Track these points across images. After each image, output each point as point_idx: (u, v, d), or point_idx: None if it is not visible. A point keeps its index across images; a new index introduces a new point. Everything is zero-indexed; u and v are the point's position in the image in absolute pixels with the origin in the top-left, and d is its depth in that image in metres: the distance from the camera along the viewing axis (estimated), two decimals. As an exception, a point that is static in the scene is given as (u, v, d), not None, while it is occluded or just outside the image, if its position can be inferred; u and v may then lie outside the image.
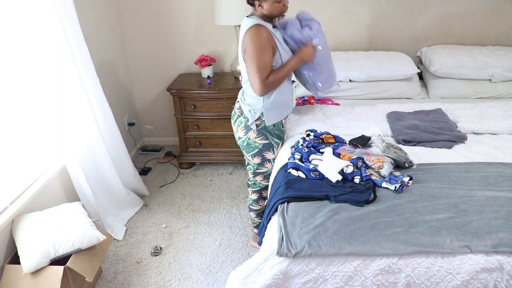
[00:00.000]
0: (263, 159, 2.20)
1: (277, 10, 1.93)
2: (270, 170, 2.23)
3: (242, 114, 2.14)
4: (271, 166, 2.22)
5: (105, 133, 2.64)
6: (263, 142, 2.14)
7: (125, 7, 3.30)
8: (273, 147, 2.17)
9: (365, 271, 1.43)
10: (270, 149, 2.16)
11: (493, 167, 1.86)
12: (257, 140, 2.14)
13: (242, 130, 2.16)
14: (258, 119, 2.09)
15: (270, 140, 2.14)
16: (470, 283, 1.40)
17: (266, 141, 2.14)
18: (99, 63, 2.84)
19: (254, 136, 2.13)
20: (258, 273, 1.51)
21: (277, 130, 2.15)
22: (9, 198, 2.08)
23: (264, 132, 2.12)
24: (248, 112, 2.10)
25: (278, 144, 2.18)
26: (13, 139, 2.15)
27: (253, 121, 2.09)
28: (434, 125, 2.26)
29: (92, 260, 2.02)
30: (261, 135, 2.12)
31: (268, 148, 2.16)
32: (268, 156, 2.19)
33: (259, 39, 1.89)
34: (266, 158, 2.20)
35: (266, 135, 2.13)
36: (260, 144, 2.14)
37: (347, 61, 2.91)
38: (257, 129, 2.11)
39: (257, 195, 2.35)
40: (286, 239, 1.48)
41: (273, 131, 2.14)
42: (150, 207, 2.94)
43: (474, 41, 3.16)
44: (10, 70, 2.11)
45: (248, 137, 2.15)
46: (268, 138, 2.14)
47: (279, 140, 2.18)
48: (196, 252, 2.48)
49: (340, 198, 1.64)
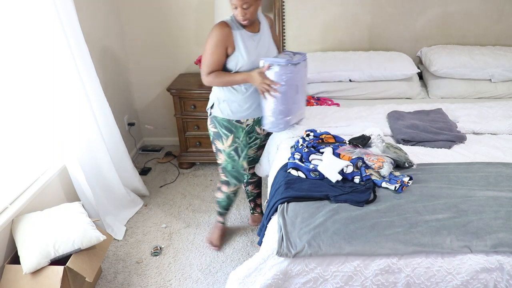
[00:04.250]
0: (216, 148, 2.25)
1: (237, 16, 1.95)
2: (224, 163, 2.27)
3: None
4: (223, 158, 2.24)
5: (105, 133, 2.64)
6: (213, 130, 2.20)
7: (125, 7, 3.30)
8: (221, 137, 2.18)
9: (365, 271, 1.43)
10: (219, 138, 2.19)
11: (493, 167, 1.86)
12: (210, 128, 2.22)
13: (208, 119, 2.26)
14: (213, 106, 2.16)
15: (218, 129, 2.17)
16: (470, 283, 1.40)
17: (215, 129, 2.19)
18: (99, 63, 2.84)
19: (209, 123, 2.22)
20: (258, 273, 1.51)
21: (226, 122, 2.15)
22: (9, 198, 2.08)
23: (214, 121, 2.18)
24: (211, 97, 2.20)
25: (227, 136, 2.17)
26: (13, 139, 2.15)
27: (209, 108, 2.19)
28: (433, 125, 2.26)
29: (92, 260, 2.02)
30: (212, 122, 2.19)
31: (217, 137, 2.20)
32: (218, 146, 2.22)
33: (215, 36, 1.95)
34: (217, 148, 2.24)
35: (215, 124, 2.18)
36: (212, 132, 2.22)
37: (347, 61, 2.91)
38: (210, 116, 2.19)
39: (219, 185, 2.41)
40: (286, 239, 1.48)
41: (221, 122, 2.15)
42: (150, 207, 2.94)
43: (474, 41, 3.16)
44: (10, 70, 2.11)
45: (208, 123, 2.24)
46: (216, 127, 2.18)
47: (228, 132, 2.16)
48: (196, 252, 2.48)
49: (340, 198, 1.64)
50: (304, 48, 3.26)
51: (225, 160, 2.25)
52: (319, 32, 3.24)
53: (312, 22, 3.19)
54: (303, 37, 3.24)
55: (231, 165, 2.26)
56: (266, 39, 2.07)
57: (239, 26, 1.98)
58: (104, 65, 3.02)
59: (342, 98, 2.86)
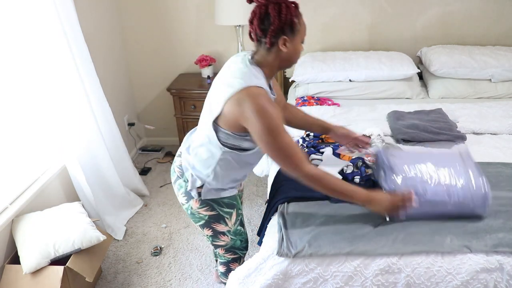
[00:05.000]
0: (215, 232, 1.68)
1: (298, 57, 1.45)
2: (230, 243, 1.73)
3: (183, 176, 1.61)
4: (229, 239, 1.71)
5: (105, 133, 2.64)
6: (209, 213, 1.62)
7: (125, 7, 3.30)
8: (223, 218, 1.64)
9: (365, 271, 1.43)
10: (220, 220, 1.64)
11: (493, 167, 1.86)
12: (202, 211, 1.62)
13: (183, 196, 1.63)
14: (201, 186, 1.57)
15: (218, 210, 1.62)
16: (470, 283, 1.40)
17: (213, 212, 1.62)
18: (99, 63, 2.84)
19: (197, 206, 1.61)
20: (258, 273, 1.51)
21: (227, 199, 1.62)
22: (9, 198, 2.08)
23: (209, 202, 1.60)
24: (190, 175, 1.57)
25: (230, 214, 1.65)
26: (13, 139, 2.15)
27: (194, 188, 1.57)
28: (433, 124, 2.26)
29: (92, 260, 2.02)
30: (205, 205, 1.60)
31: (217, 220, 1.64)
32: (220, 229, 1.67)
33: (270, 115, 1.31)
34: (218, 231, 1.68)
35: (212, 205, 1.60)
36: (206, 216, 1.62)
37: (347, 61, 2.91)
38: (199, 198, 1.58)
39: (224, 267, 1.86)
40: (286, 239, 1.48)
41: (220, 201, 1.61)
42: (150, 207, 2.94)
43: (474, 41, 3.16)
44: (10, 70, 2.11)
45: (190, 206, 1.62)
46: (215, 208, 1.61)
47: (230, 209, 1.64)
48: (196, 252, 2.48)
49: (340, 198, 1.64)
50: (304, 48, 3.25)
51: (231, 239, 1.72)
52: (319, 32, 3.24)
53: (312, 22, 3.19)
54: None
55: (240, 240, 1.76)
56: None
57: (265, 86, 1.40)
58: (104, 65, 3.02)
59: (342, 98, 2.86)
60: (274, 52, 1.39)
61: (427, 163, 1.58)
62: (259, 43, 1.40)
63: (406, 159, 1.61)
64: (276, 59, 1.41)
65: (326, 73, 2.86)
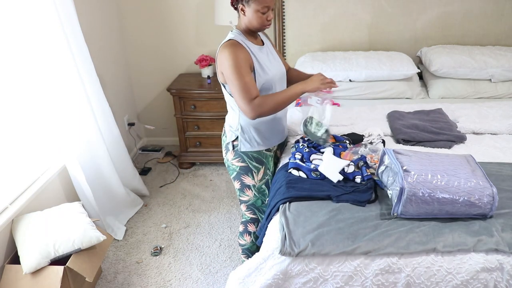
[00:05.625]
0: (242, 184, 1.95)
1: (258, 22, 1.71)
2: (252, 200, 1.98)
3: (225, 133, 1.95)
4: (252, 194, 1.96)
5: (105, 133, 2.64)
6: (240, 164, 1.90)
7: (125, 7, 3.30)
8: (251, 171, 1.91)
9: (365, 271, 1.43)
10: (248, 173, 1.91)
11: (493, 167, 1.86)
12: (234, 162, 1.91)
13: (224, 150, 1.96)
14: (236, 139, 1.88)
15: (248, 163, 1.89)
16: (470, 283, 1.40)
17: (244, 163, 1.90)
18: (99, 63, 2.84)
19: (231, 158, 1.91)
20: (258, 273, 1.51)
21: (256, 153, 1.89)
22: (9, 198, 2.08)
23: (241, 154, 1.89)
24: (229, 130, 1.91)
25: (258, 169, 1.91)
26: (13, 139, 2.15)
27: (230, 141, 1.89)
28: (433, 125, 2.26)
29: (92, 260, 2.02)
30: (238, 156, 1.89)
31: (245, 171, 1.91)
32: (247, 181, 1.93)
33: (235, 59, 1.65)
34: (245, 184, 1.94)
35: (243, 157, 1.89)
36: (237, 167, 1.91)
37: (347, 61, 2.91)
38: (234, 150, 1.89)
39: (243, 227, 2.10)
40: (289, 238, 1.48)
41: (251, 154, 1.88)
42: (150, 207, 2.94)
43: (474, 41, 3.16)
44: (10, 70, 2.11)
45: (227, 158, 1.94)
46: (245, 160, 1.89)
47: (259, 165, 1.91)
48: (196, 252, 2.48)
49: (342, 198, 1.64)
50: (304, 48, 3.27)
51: (254, 196, 1.96)
52: (319, 32, 3.24)
53: (312, 22, 3.19)
54: (303, 37, 3.24)
55: (261, 201, 1.99)
56: (272, 51, 1.90)
57: (245, 41, 1.75)
58: (104, 65, 3.02)
59: (342, 98, 2.86)
60: (241, 18, 1.76)
61: (436, 162, 1.60)
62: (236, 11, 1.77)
63: (415, 158, 1.63)
64: (242, 23, 1.77)
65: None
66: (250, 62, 1.71)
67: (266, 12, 1.70)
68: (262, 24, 1.73)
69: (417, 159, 1.62)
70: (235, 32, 1.78)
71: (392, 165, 1.61)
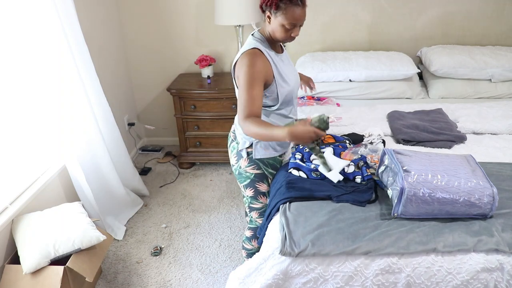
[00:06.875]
0: (256, 192, 1.92)
1: (281, 36, 1.66)
2: (265, 206, 1.94)
3: (236, 139, 1.90)
4: (266, 201, 1.94)
5: (105, 133, 2.64)
6: (255, 172, 1.86)
7: (125, 7, 3.30)
8: (267, 178, 1.89)
9: (365, 271, 1.43)
10: (263, 180, 1.89)
11: (493, 167, 1.86)
12: (249, 170, 1.86)
13: (234, 157, 1.91)
14: (250, 146, 1.83)
15: (263, 170, 1.86)
16: (470, 283, 1.40)
17: (259, 171, 1.86)
18: (99, 63, 2.84)
19: (245, 165, 1.86)
20: (258, 273, 1.51)
21: (271, 160, 1.87)
22: (9, 198, 2.08)
23: (256, 161, 1.85)
24: (241, 137, 1.85)
25: (273, 176, 1.91)
26: (13, 139, 2.15)
27: (244, 148, 1.84)
28: (434, 125, 2.26)
29: (92, 260, 2.02)
30: (252, 163, 1.85)
31: (261, 179, 1.88)
32: (262, 189, 1.91)
33: (252, 69, 1.62)
34: (259, 191, 1.91)
35: (259, 165, 1.85)
36: (252, 174, 1.87)
37: (347, 61, 2.91)
38: (248, 157, 1.84)
39: (251, 233, 2.07)
40: (290, 238, 1.48)
41: (266, 161, 1.85)
42: (150, 207, 2.94)
43: (474, 41, 3.17)
44: (10, 70, 2.11)
45: (239, 166, 1.88)
46: (261, 167, 1.86)
47: (274, 171, 1.90)
48: (196, 252, 2.48)
49: (342, 198, 1.64)
50: (304, 48, 3.27)
51: (267, 201, 1.93)
52: (319, 32, 3.24)
53: (312, 22, 3.19)
54: (303, 37, 3.24)
55: None
56: (289, 59, 1.86)
57: (266, 48, 1.71)
58: (104, 65, 3.02)
59: (342, 98, 2.86)
60: (266, 24, 1.71)
61: (436, 162, 1.60)
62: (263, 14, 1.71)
63: (415, 158, 1.63)
64: (266, 30, 1.72)
65: (326, 73, 2.86)
66: (268, 73, 1.67)
67: (292, 29, 1.64)
68: (284, 38, 1.67)
69: (417, 159, 1.62)
70: (257, 36, 1.73)
71: (392, 165, 1.61)
